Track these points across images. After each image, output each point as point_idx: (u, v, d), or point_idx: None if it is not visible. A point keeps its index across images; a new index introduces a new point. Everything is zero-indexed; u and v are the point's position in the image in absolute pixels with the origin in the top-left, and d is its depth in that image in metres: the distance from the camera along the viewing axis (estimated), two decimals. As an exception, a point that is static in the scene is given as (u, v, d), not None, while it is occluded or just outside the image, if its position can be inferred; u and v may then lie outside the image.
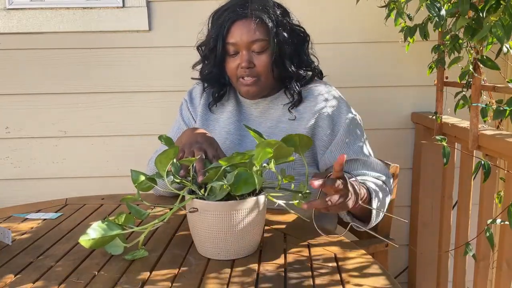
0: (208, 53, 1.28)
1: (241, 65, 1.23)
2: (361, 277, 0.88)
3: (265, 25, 1.21)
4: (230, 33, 1.22)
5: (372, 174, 1.21)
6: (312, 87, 1.30)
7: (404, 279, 2.03)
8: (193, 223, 0.96)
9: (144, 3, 1.82)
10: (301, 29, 1.30)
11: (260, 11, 1.21)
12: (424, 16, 1.46)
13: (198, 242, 0.98)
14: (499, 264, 1.37)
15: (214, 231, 0.93)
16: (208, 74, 1.31)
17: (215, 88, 1.35)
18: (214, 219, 0.92)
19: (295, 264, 0.94)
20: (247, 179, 0.91)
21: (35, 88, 1.88)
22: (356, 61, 1.89)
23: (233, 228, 0.92)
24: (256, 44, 1.21)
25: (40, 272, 0.92)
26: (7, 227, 1.11)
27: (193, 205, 0.93)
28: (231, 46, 1.23)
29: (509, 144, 1.28)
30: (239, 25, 1.21)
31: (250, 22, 1.21)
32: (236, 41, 1.22)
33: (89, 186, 1.93)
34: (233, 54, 1.24)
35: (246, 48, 1.22)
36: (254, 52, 1.22)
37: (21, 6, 1.81)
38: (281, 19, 1.24)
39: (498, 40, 0.99)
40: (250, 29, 1.20)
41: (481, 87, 1.35)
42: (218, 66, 1.28)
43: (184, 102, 1.42)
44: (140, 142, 1.91)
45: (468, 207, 1.57)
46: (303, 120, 1.26)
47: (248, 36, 1.20)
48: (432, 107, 1.74)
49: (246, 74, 1.23)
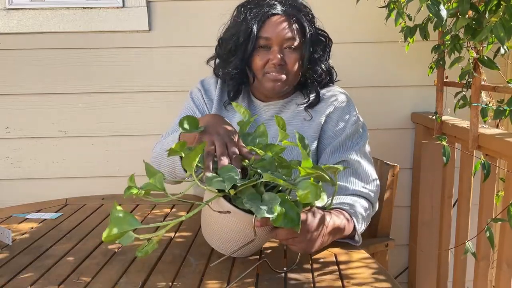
0: (234, 47, 1.24)
1: (272, 61, 1.20)
2: (361, 277, 0.88)
3: (300, 24, 1.22)
4: (265, 27, 1.20)
5: (353, 188, 1.16)
6: (324, 90, 1.30)
7: (404, 279, 2.03)
8: (211, 218, 0.92)
9: (144, 3, 1.82)
10: (324, 33, 1.31)
11: (296, 11, 1.22)
12: (424, 16, 1.46)
13: (207, 232, 0.95)
14: (499, 264, 1.37)
15: (229, 233, 0.90)
16: (234, 69, 1.25)
17: (234, 85, 1.29)
18: (236, 224, 0.88)
19: (295, 264, 0.94)
20: (289, 216, 0.84)
21: (35, 88, 1.88)
22: (356, 61, 1.89)
23: (249, 237, 0.89)
24: (290, 42, 1.20)
25: (40, 272, 0.92)
26: (7, 227, 1.11)
27: (220, 205, 0.88)
28: (263, 41, 1.21)
29: (509, 144, 1.28)
30: (275, 20, 1.20)
31: (286, 19, 1.21)
32: (270, 36, 1.20)
33: (89, 186, 1.93)
34: (264, 48, 1.22)
35: (279, 44, 1.20)
36: (285, 50, 1.21)
37: (21, 6, 1.81)
38: (313, 22, 1.26)
39: (499, 40, 0.99)
40: (285, 26, 1.20)
41: (481, 87, 1.35)
42: (245, 61, 1.24)
43: (197, 91, 1.36)
44: (140, 142, 1.91)
45: (468, 207, 1.57)
46: (314, 122, 1.26)
47: (283, 33, 1.20)
48: (432, 107, 1.74)
49: (276, 71, 1.21)
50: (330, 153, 1.22)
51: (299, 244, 0.90)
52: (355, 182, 1.18)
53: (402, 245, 1.99)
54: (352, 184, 1.17)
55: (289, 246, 0.92)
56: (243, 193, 0.87)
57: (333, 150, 1.22)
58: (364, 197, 1.16)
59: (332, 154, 1.22)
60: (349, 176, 1.19)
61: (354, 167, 1.20)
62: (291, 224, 0.83)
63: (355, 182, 1.18)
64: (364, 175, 1.19)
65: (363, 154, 1.23)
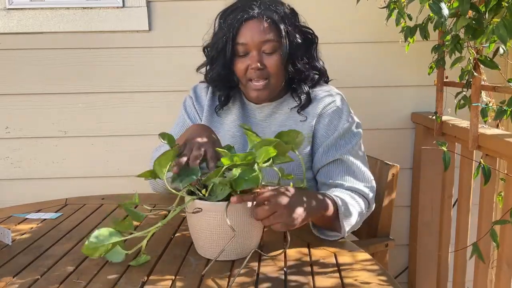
0: (216, 55, 1.25)
1: (251, 66, 1.20)
2: (361, 278, 0.88)
3: (276, 25, 1.20)
4: (240, 33, 1.19)
5: (348, 184, 1.17)
6: (317, 90, 1.29)
7: (404, 279, 2.03)
8: (194, 224, 0.96)
9: (144, 3, 1.82)
10: (309, 30, 1.29)
11: (270, 12, 1.20)
12: (424, 16, 1.46)
13: (198, 242, 0.98)
14: (499, 264, 1.37)
15: (214, 231, 0.93)
16: (216, 76, 1.27)
17: (222, 91, 1.31)
18: (215, 219, 0.92)
19: (295, 264, 0.94)
20: (248, 176, 0.90)
21: (35, 88, 1.88)
22: (356, 61, 1.89)
23: (229, 231, 0.92)
24: (267, 45, 1.19)
25: (40, 272, 0.92)
26: (7, 227, 1.11)
27: (195, 206, 0.93)
28: (240, 47, 1.20)
29: (509, 144, 1.28)
30: (250, 25, 1.19)
31: (260, 22, 1.19)
32: (246, 41, 1.19)
33: (89, 186, 1.93)
34: (243, 55, 1.21)
35: (257, 48, 1.19)
36: (264, 53, 1.20)
37: (21, 6, 1.80)
38: (291, 20, 1.23)
39: (500, 40, 0.99)
40: (261, 29, 1.18)
41: (481, 87, 1.35)
42: (227, 68, 1.25)
43: (188, 99, 1.39)
44: (140, 142, 1.91)
45: (468, 207, 1.57)
46: (306, 123, 1.25)
47: (259, 36, 1.18)
48: (432, 107, 1.74)
49: (257, 76, 1.20)
50: (323, 152, 1.21)
51: (280, 219, 0.92)
52: (350, 179, 1.17)
53: (402, 245, 1.99)
54: (347, 181, 1.17)
55: (273, 226, 0.93)
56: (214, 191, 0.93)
57: (325, 149, 1.21)
58: (360, 194, 1.16)
59: (325, 153, 1.21)
60: (344, 174, 1.18)
61: (347, 166, 1.19)
62: (252, 182, 0.89)
63: (350, 179, 1.17)
64: (359, 174, 1.19)
65: (357, 153, 1.21)
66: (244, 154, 0.92)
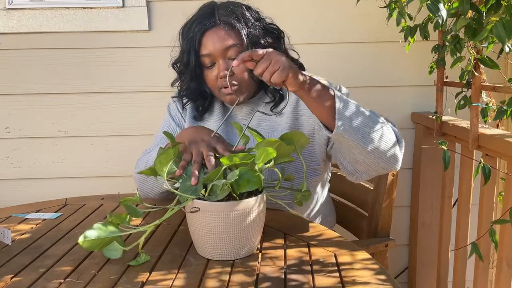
0: (183, 69, 1.25)
1: (219, 75, 1.19)
2: (361, 277, 0.88)
3: (235, 29, 1.18)
4: (203, 44, 1.19)
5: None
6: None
7: (404, 279, 2.02)
8: (193, 224, 0.96)
9: (144, 3, 1.82)
10: (274, 26, 1.27)
11: (228, 17, 1.19)
12: (424, 16, 1.46)
13: (198, 242, 0.98)
14: (499, 264, 1.37)
15: (214, 231, 0.93)
16: (187, 89, 1.29)
17: (199, 101, 1.31)
18: (215, 219, 0.92)
19: (295, 264, 0.94)
20: (250, 178, 0.91)
21: (35, 88, 1.88)
22: (356, 61, 1.89)
23: (233, 228, 0.92)
24: (231, 50, 1.18)
25: (40, 272, 0.92)
26: (7, 227, 1.11)
27: (194, 205, 0.93)
28: (206, 58, 1.20)
29: (509, 144, 1.28)
30: (210, 34, 1.18)
31: (220, 29, 1.18)
32: (210, 51, 1.19)
33: (89, 186, 1.93)
34: (210, 65, 1.21)
35: (222, 56, 1.19)
36: (230, 60, 1.19)
37: (21, 6, 1.81)
38: (251, 21, 1.22)
39: (499, 39, 0.99)
40: (221, 37, 1.17)
41: (481, 87, 1.35)
42: (196, 80, 1.25)
43: (172, 103, 1.39)
44: (140, 142, 1.90)
45: (468, 207, 1.57)
46: (283, 116, 1.24)
47: (220, 44, 1.17)
48: (432, 107, 1.74)
49: (227, 83, 1.19)
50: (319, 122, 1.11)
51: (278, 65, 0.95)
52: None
53: (402, 245, 1.99)
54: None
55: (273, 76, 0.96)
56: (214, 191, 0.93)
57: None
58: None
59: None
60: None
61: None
62: (254, 184, 0.91)
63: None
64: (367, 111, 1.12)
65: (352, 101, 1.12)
66: (244, 154, 0.92)
